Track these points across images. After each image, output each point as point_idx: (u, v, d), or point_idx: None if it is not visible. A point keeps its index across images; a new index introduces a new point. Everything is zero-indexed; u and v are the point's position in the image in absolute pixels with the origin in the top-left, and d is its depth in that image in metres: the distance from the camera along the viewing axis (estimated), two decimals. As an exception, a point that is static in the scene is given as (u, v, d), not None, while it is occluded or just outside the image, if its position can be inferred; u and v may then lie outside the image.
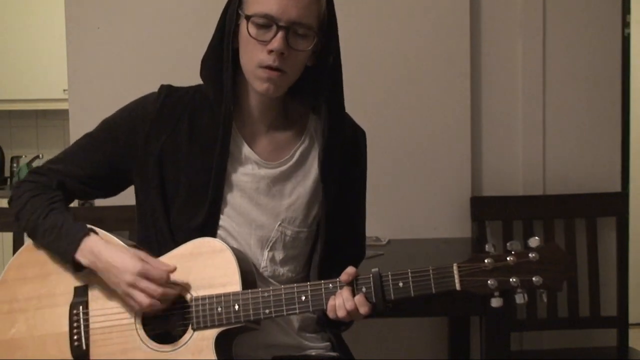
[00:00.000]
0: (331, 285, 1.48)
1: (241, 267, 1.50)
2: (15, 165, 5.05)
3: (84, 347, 1.54)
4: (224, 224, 1.59)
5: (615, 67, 2.89)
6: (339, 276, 1.48)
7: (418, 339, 2.92)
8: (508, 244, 1.44)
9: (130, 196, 1.68)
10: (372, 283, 1.46)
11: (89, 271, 1.55)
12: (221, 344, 1.50)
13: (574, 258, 2.69)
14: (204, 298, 1.50)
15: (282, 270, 1.62)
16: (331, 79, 1.58)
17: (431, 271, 1.44)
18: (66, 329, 1.55)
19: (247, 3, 1.53)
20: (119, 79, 2.80)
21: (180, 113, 1.61)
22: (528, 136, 2.89)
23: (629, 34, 2.92)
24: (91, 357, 1.53)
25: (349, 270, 1.48)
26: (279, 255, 1.61)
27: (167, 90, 1.64)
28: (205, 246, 1.53)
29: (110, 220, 2.36)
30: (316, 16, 1.53)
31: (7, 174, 5.10)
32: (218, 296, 1.49)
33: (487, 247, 1.44)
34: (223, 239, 1.57)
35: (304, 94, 1.63)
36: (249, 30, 1.51)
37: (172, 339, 1.51)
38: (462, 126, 2.84)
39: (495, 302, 1.44)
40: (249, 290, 1.49)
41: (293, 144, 1.63)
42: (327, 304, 1.48)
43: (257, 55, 1.51)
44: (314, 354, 1.65)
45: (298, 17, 1.49)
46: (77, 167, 1.64)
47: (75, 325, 1.55)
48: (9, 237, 2.46)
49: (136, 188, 1.65)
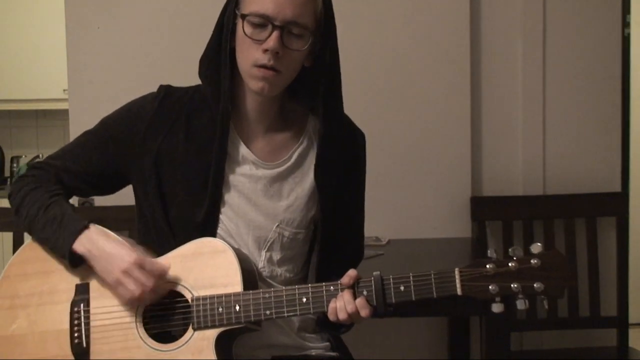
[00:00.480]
0: (332, 288, 1.48)
1: (243, 268, 1.50)
2: (15, 165, 5.04)
3: (85, 345, 1.54)
4: (223, 223, 1.59)
5: (615, 67, 2.89)
6: (337, 277, 1.49)
7: (418, 339, 2.91)
8: (510, 249, 1.44)
9: (130, 196, 1.68)
10: (373, 286, 1.46)
11: (89, 268, 1.54)
12: (221, 344, 1.50)
13: (575, 267, 2.69)
14: (205, 298, 1.50)
15: (279, 271, 1.61)
16: (329, 79, 1.58)
17: (432, 275, 1.44)
18: (67, 326, 1.55)
19: (243, 2, 1.53)
20: (118, 78, 2.79)
21: (178, 113, 1.61)
22: (528, 136, 2.88)
23: (629, 34, 2.92)
24: (91, 354, 1.53)
25: (351, 273, 1.48)
26: (276, 256, 1.61)
27: (165, 90, 1.64)
28: (207, 246, 1.53)
29: (110, 220, 2.32)
30: (312, 16, 1.53)
31: (7, 174, 5.08)
32: (219, 296, 1.49)
33: (489, 252, 1.44)
34: (222, 238, 1.57)
35: (302, 95, 1.63)
36: (244, 29, 1.51)
37: (173, 338, 1.51)
38: (462, 126, 2.84)
39: (496, 307, 1.44)
40: (250, 291, 1.49)
41: (291, 145, 1.63)
42: (328, 306, 1.47)
43: (253, 54, 1.51)
44: (313, 354, 1.65)
45: (293, 17, 1.49)
46: (75, 164, 1.64)
47: (76, 322, 1.55)
48: (9, 237, 2.47)
49: (134, 187, 1.65)
